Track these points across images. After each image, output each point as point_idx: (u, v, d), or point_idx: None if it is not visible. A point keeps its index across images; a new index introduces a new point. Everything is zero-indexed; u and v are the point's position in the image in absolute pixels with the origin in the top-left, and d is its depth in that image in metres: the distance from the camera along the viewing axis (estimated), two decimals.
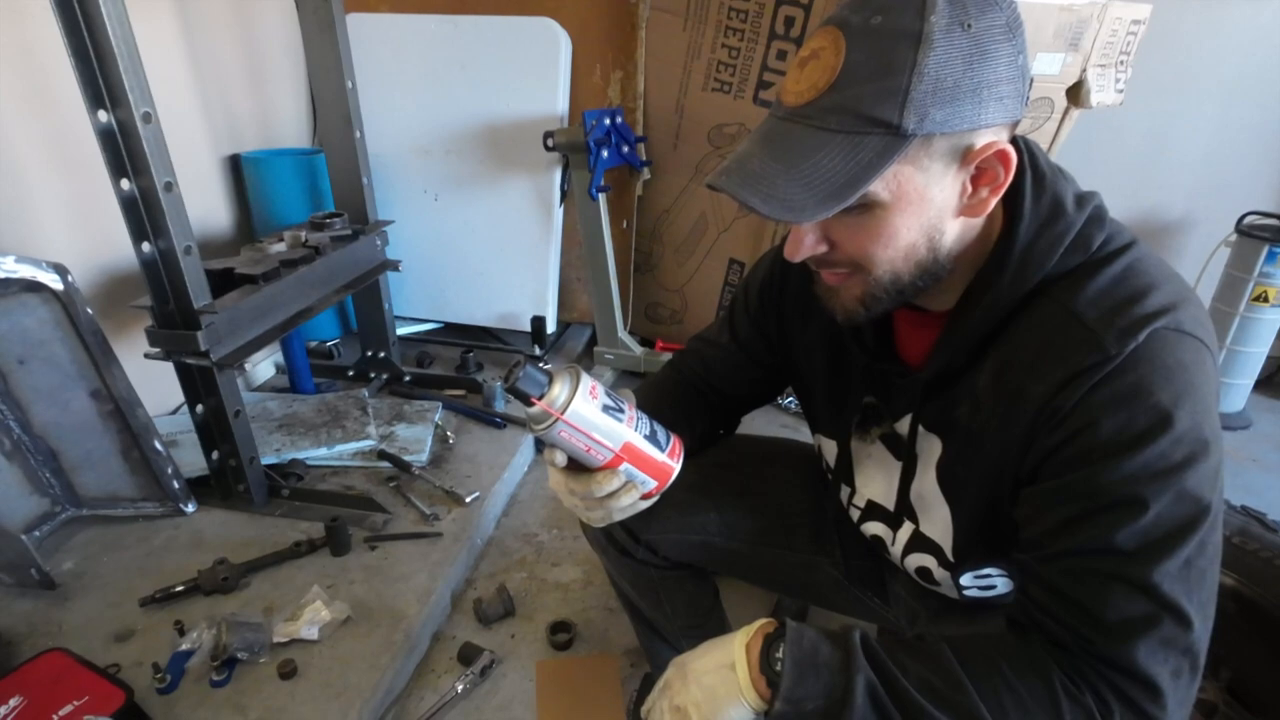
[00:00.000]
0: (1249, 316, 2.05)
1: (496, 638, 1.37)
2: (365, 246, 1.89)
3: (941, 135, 0.54)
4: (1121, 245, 0.61)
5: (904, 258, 0.60)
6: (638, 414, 0.68)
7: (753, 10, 1.85)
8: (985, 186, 0.58)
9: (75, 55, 1.17)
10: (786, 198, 0.54)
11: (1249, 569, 1.07)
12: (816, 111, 0.55)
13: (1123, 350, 0.55)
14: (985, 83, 0.53)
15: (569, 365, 0.66)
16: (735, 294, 0.94)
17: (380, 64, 2.24)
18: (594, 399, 0.64)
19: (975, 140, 0.55)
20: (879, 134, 0.53)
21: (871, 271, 0.61)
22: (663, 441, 0.69)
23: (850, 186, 0.54)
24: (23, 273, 1.27)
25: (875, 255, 0.60)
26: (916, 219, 0.58)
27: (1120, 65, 1.71)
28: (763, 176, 0.56)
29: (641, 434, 0.67)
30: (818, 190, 0.54)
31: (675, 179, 2.17)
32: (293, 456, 1.72)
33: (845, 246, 0.60)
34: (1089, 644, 0.57)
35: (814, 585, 0.99)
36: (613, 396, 0.67)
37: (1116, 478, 0.55)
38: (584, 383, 0.63)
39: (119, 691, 1.09)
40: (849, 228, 0.59)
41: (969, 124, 0.54)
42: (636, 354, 2.25)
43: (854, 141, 0.53)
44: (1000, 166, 0.57)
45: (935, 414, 0.70)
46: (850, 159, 0.53)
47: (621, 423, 0.65)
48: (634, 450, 0.67)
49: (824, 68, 0.54)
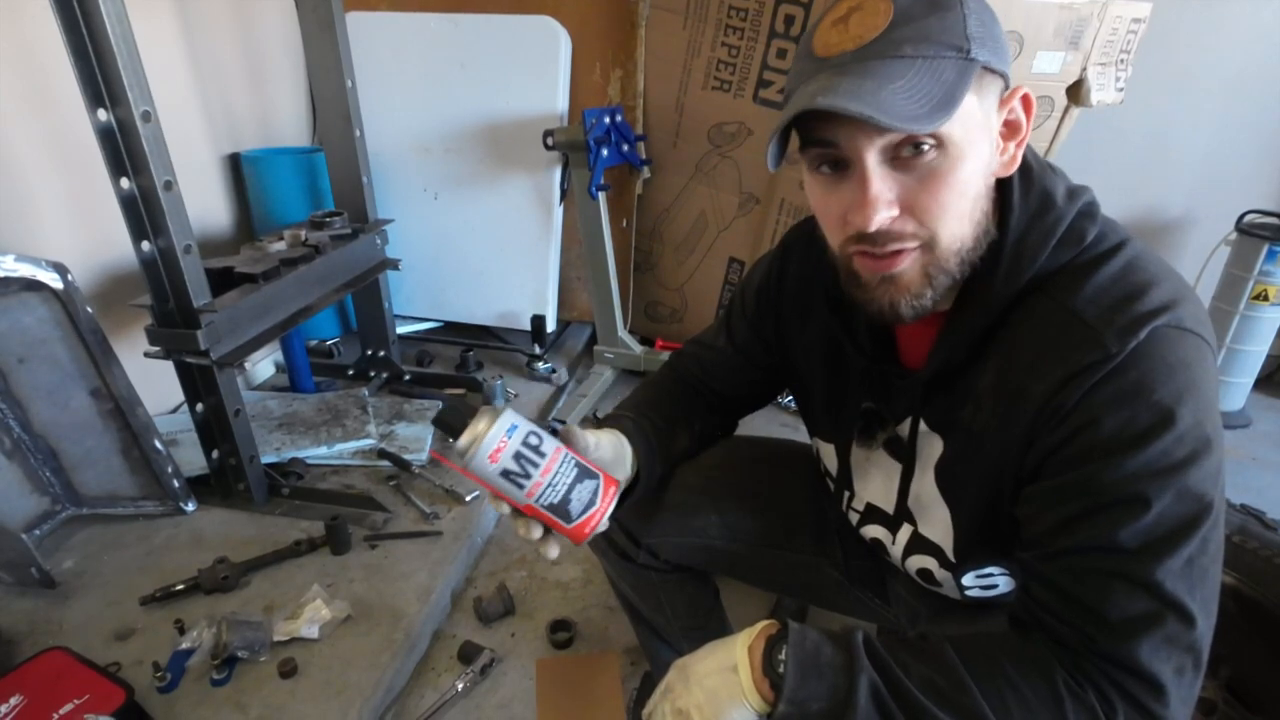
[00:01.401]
0: (1249, 315, 2.05)
1: (496, 636, 1.37)
2: (365, 245, 1.89)
3: (991, 74, 0.57)
4: (1117, 242, 0.61)
5: (970, 215, 0.59)
6: (557, 475, 0.64)
7: (753, 9, 1.85)
8: (1012, 140, 0.61)
9: (74, 54, 1.17)
10: (897, 108, 0.52)
11: (1249, 567, 1.07)
12: (886, 45, 0.54)
13: (1124, 348, 0.55)
14: (1000, 35, 0.58)
15: (493, 411, 0.63)
16: (732, 297, 0.93)
17: (380, 62, 2.24)
18: (494, 462, 0.62)
19: (1008, 84, 0.59)
20: (952, 58, 0.54)
21: (940, 234, 0.58)
22: (574, 511, 0.66)
23: (949, 100, 0.53)
24: (22, 271, 1.27)
25: (950, 207, 0.57)
26: (979, 165, 0.58)
27: (1120, 64, 1.71)
28: (861, 94, 0.52)
29: (545, 503, 0.64)
30: (924, 103, 0.53)
31: (675, 178, 2.17)
32: (293, 455, 1.72)
33: (919, 202, 0.57)
34: (1092, 642, 0.57)
35: (815, 586, 0.99)
36: (525, 458, 0.63)
37: (1118, 476, 0.55)
38: (488, 440, 0.61)
39: (119, 690, 1.09)
40: (922, 179, 0.57)
41: (1004, 64, 0.58)
42: (636, 353, 2.25)
43: (933, 66, 0.54)
44: (1024, 115, 0.60)
45: (936, 414, 0.70)
46: (935, 79, 0.54)
47: (523, 489, 0.63)
48: (537, 513, 0.65)
49: (874, 13, 0.55)
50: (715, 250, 2.19)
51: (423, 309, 2.54)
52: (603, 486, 0.67)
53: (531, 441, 0.64)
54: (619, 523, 0.97)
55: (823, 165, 0.60)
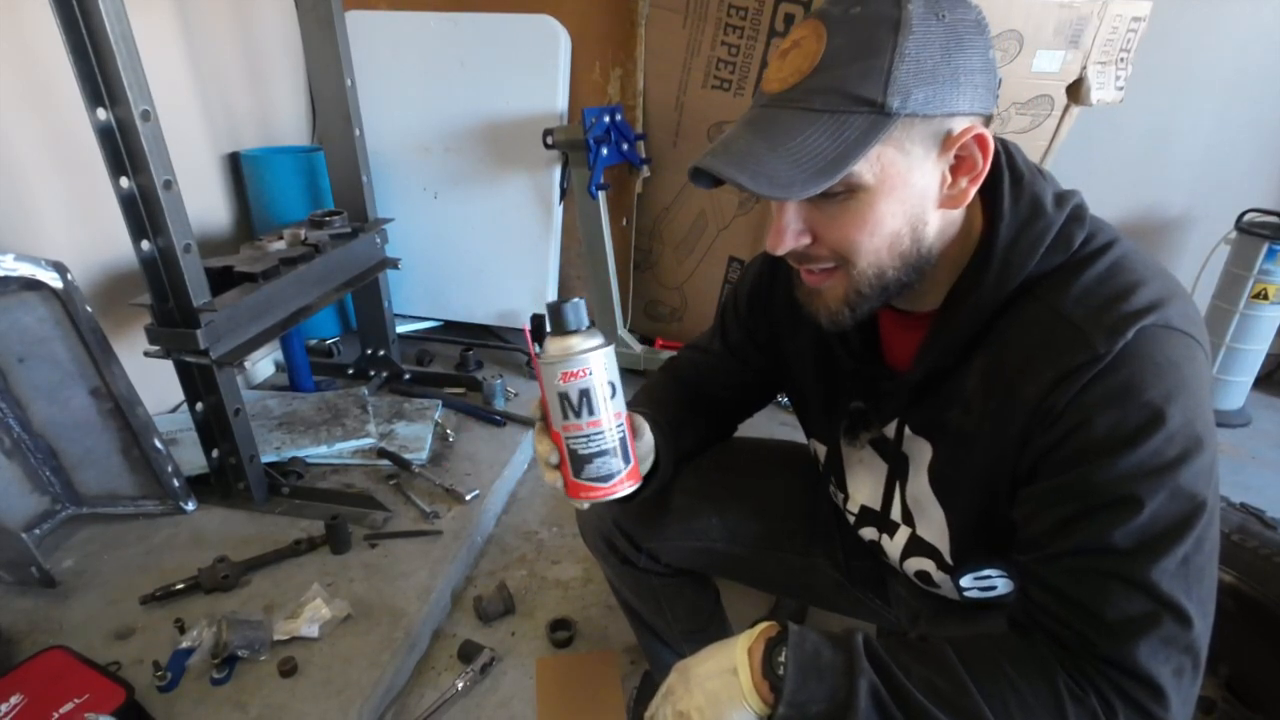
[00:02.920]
0: (1249, 314, 2.05)
1: (496, 635, 1.37)
2: (365, 244, 1.89)
3: (923, 118, 0.55)
4: (1104, 243, 0.61)
5: (888, 248, 0.60)
6: (599, 434, 0.63)
7: (752, 8, 1.84)
8: (964, 176, 0.59)
9: (74, 53, 1.16)
10: (774, 174, 0.54)
11: (1248, 566, 1.07)
12: (801, 94, 0.55)
13: (1112, 349, 0.55)
14: (962, 69, 0.55)
15: (599, 340, 0.63)
16: (725, 300, 0.93)
17: (380, 61, 2.24)
18: (562, 381, 0.61)
19: (954, 125, 0.56)
20: (863, 113, 0.54)
21: (855, 264, 0.60)
22: (587, 473, 0.65)
23: (837, 164, 0.54)
24: (22, 271, 1.26)
25: (860, 244, 0.59)
26: (900, 205, 0.58)
27: (1120, 63, 1.70)
28: (749, 155, 0.56)
29: (570, 446, 0.64)
30: (806, 167, 0.54)
31: (675, 177, 2.17)
32: (293, 454, 1.72)
33: (829, 236, 0.60)
34: (1090, 644, 0.57)
35: (815, 587, 0.99)
36: (589, 399, 0.62)
37: (1111, 476, 0.55)
38: (571, 362, 0.61)
39: (119, 689, 1.09)
40: (832, 216, 0.59)
41: (948, 108, 0.55)
42: (636, 352, 2.25)
43: (839, 120, 0.54)
44: (979, 153, 0.58)
45: (923, 417, 0.70)
46: (836, 138, 0.54)
47: (565, 420, 0.63)
48: (560, 445, 0.65)
49: (806, 54, 0.55)
50: (715, 249, 2.19)
51: (422, 308, 2.53)
52: (625, 475, 0.67)
53: (604, 392, 0.63)
54: (620, 528, 0.97)
55: None
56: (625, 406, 0.66)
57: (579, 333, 0.63)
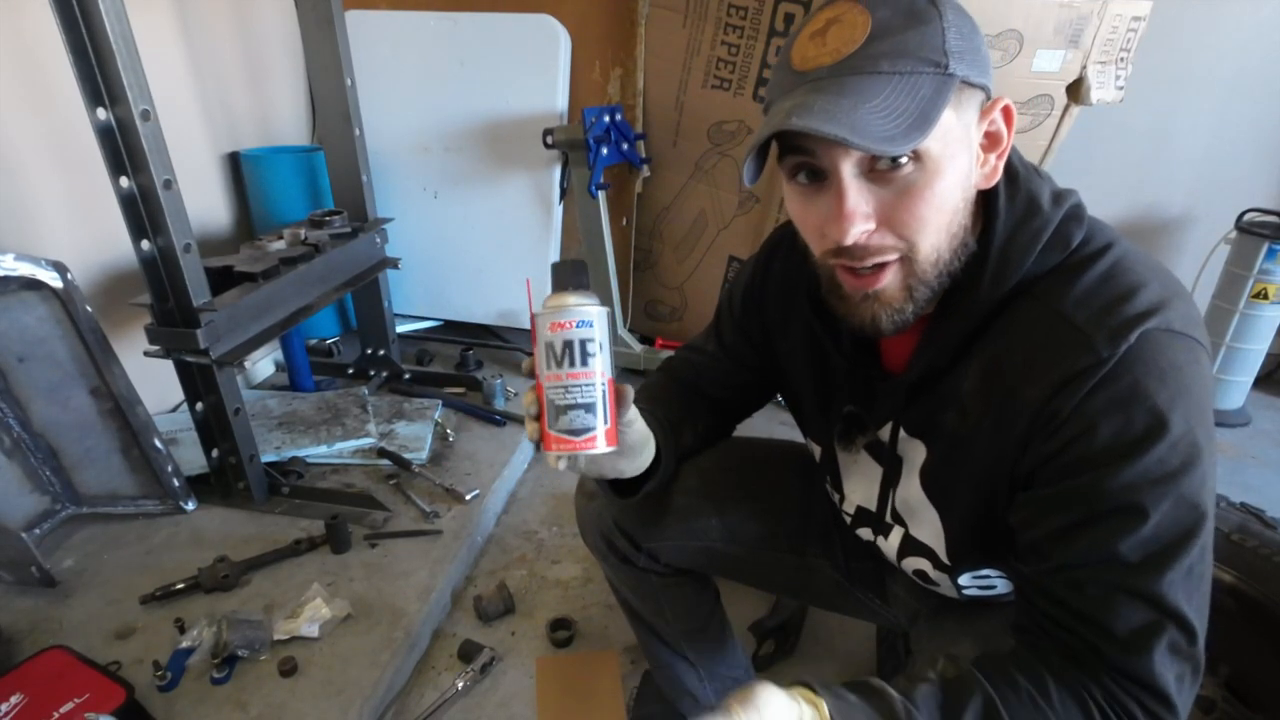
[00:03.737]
0: (1248, 313, 2.05)
1: (497, 635, 1.37)
2: (365, 244, 1.89)
3: (970, 87, 0.56)
4: (1104, 243, 0.60)
5: (948, 228, 0.58)
6: (577, 387, 0.63)
7: (752, 7, 1.84)
8: (993, 152, 0.60)
9: (73, 52, 1.16)
10: (871, 129, 0.51)
11: (1248, 565, 1.07)
12: (863, 60, 0.54)
13: (1115, 353, 0.54)
14: (981, 46, 0.57)
15: (594, 300, 0.63)
16: (720, 301, 0.93)
17: (379, 61, 2.24)
18: (551, 331, 0.61)
19: (987, 97, 0.59)
20: (930, 73, 0.54)
21: (920, 247, 0.58)
22: (560, 424, 0.64)
23: (925, 119, 0.52)
24: (22, 270, 1.27)
25: (930, 222, 0.57)
26: (956, 177, 0.57)
27: (1120, 62, 1.70)
28: (836, 113, 0.52)
29: (548, 396, 0.63)
30: (899, 122, 0.52)
31: (675, 176, 2.17)
32: (293, 454, 1.72)
33: (898, 216, 0.57)
34: (1101, 656, 0.57)
35: (814, 587, 0.99)
36: (572, 351, 0.62)
37: (1115, 485, 0.54)
38: (561, 314, 0.61)
39: (119, 689, 1.09)
40: (898, 192, 0.56)
41: (984, 77, 0.57)
42: (636, 351, 2.25)
43: (910, 81, 0.53)
44: (1005, 127, 0.60)
45: (918, 418, 0.69)
46: (913, 96, 0.53)
47: (548, 370, 0.63)
48: (541, 396, 0.65)
49: (852, 26, 0.54)
50: (715, 249, 2.19)
51: (422, 308, 2.53)
52: (599, 433, 0.65)
53: (589, 348, 0.63)
54: (619, 527, 0.97)
55: (800, 174, 0.59)
56: (614, 374, 0.66)
57: (575, 291, 0.64)
